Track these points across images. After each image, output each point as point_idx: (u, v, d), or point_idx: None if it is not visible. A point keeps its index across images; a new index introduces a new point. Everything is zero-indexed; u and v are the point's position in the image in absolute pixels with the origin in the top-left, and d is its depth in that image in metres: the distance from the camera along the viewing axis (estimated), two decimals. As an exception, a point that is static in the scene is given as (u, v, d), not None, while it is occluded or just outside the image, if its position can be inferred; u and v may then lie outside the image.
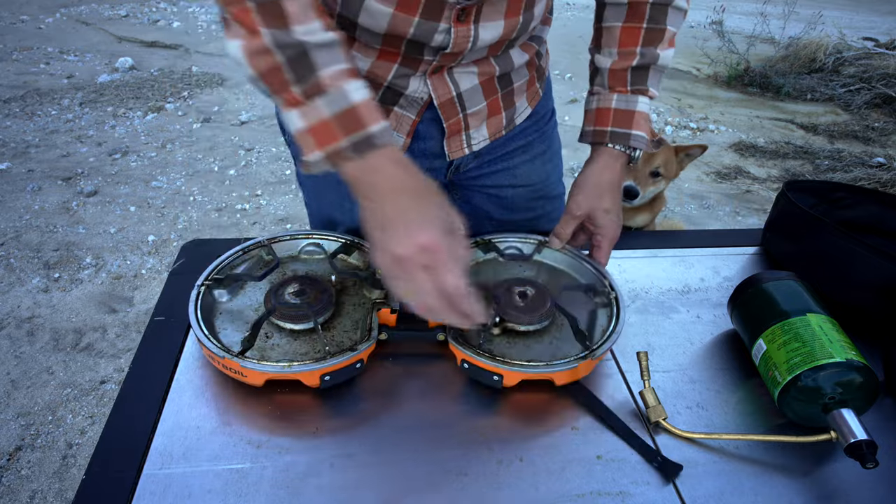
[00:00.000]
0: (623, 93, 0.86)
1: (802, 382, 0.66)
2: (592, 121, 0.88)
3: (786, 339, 0.70)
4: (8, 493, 1.60)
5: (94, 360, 2.01)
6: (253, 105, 4.01)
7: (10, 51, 4.62)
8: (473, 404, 0.70)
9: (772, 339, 0.72)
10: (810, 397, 0.67)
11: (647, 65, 0.85)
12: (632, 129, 0.85)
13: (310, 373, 0.67)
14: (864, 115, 4.50)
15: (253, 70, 0.63)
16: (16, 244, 2.54)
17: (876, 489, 0.64)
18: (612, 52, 0.86)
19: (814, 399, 0.66)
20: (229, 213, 2.87)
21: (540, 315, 0.76)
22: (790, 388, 0.67)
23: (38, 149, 3.29)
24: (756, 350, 0.74)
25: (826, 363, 0.66)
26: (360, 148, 0.63)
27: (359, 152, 0.63)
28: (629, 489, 0.62)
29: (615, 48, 0.86)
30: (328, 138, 0.63)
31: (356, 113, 0.63)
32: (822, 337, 0.69)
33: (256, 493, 0.59)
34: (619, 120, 0.86)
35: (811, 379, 0.66)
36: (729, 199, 3.28)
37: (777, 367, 0.69)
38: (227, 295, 0.79)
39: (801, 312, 0.72)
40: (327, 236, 0.88)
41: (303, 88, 0.62)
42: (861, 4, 7.89)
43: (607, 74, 0.87)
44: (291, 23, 0.61)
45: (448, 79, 0.84)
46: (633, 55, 0.85)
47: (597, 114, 0.88)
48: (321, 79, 0.62)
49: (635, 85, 0.86)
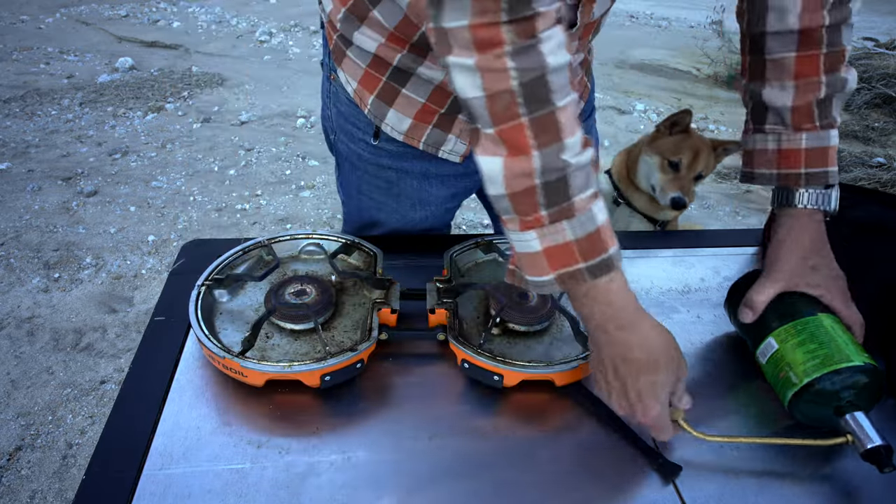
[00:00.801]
0: (813, 130, 0.75)
1: (821, 386, 0.65)
2: (774, 164, 0.78)
3: (801, 340, 0.68)
4: (8, 493, 1.60)
5: (94, 360, 2.01)
6: (253, 105, 4.02)
7: (10, 51, 4.62)
8: (473, 404, 0.70)
9: (784, 338, 0.70)
10: (826, 400, 0.66)
11: (833, 94, 0.75)
12: (828, 167, 0.76)
13: (310, 373, 0.67)
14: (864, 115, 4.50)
15: (506, 188, 0.58)
16: (16, 244, 2.54)
17: (876, 489, 0.64)
18: (788, 84, 0.75)
19: (829, 402, 0.65)
20: (229, 213, 2.87)
21: (540, 315, 0.76)
22: (807, 391, 0.66)
23: (38, 149, 3.29)
24: (764, 349, 0.72)
25: (845, 367, 0.65)
26: (597, 271, 0.60)
27: (594, 275, 0.60)
28: (629, 489, 0.62)
29: (791, 80, 0.75)
30: (567, 260, 0.60)
31: (600, 235, 0.60)
32: (837, 338, 0.67)
33: (256, 493, 0.59)
34: (812, 159, 0.76)
35: (830, 382, 0.65)
36: (729, 199, 3.28)
37: (792, 367, 0.67)
38: (228, 295, 0.79)
39: (812, 312, 0.70)
40: (327, 236, 0.88)
41: (551, 211, 0.58)
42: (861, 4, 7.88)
43: (789, 113, 0.76)
44: (564, 136, 0.57)
45: None
46: (818, 85, 0.74)
47: (781, 157, 0.77)
48: (574, 203, 0.58)
49: (824, 119, 0.75)
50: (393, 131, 0.90)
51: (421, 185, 0.98)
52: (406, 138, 0.90)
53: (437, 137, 0.90)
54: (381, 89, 0.87)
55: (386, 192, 0.99)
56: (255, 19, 5.85)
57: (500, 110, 0.55)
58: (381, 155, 0.95)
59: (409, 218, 1.02)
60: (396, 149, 0.93)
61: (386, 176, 0.98)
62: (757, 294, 0.74)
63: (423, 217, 1.02)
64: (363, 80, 0.88)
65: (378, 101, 0.88)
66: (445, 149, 0.90)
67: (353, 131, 0.95)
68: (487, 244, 0.88)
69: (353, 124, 0.95)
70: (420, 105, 0.87)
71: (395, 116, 0.88)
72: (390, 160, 0.95)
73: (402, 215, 1.02)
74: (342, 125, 0.97)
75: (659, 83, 4.88)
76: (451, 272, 0.82)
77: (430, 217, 1.03)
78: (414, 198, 0.99)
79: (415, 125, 0.89)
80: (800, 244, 0.75)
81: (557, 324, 0.78)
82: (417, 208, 1.01)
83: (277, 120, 3.84)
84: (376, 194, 1.00)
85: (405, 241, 0.99)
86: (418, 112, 0.88)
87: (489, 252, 0.89)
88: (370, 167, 0.98)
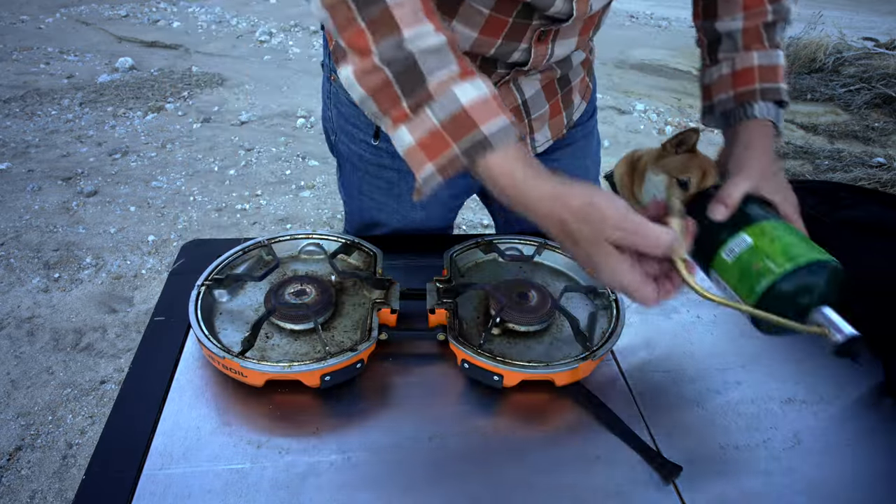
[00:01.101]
0: (762, 49, 0.83)
1: (806, 272, 0.62)
2: (730, 85, 0.84)
3: (779, 234, 0.66)
4: (8, 493, 1.60)
5: (94, 360, 2.01)
6: (253, 105, 4.02)
7: (10, 51, 4.62)
8: (473, 404, 0.70)
9: (761, 232, 0.67)
10: (801, 294, 0.62)
11: (776, 21, 0.83)
12: (779, 83, 0.82)
13: (310, 373, 0.67)
14: (864, 115, 4.50)
15: (363, 89, 0.60)
16: (16, 244, 2.54)
17: (876, 490, 0.64)
18: (738, 16, 0.84)
19: (804, 296, 0.62)
20: (229, 213, 2.87)
21: (540, 316, 0.76)
22: (788, 279, 0.62)
23: (38, 149, 3.29)
24: (734, 246, 0.67)
25: (827, 259, 0.63)
26: (472, 153, 0.58)
27: (470, 156, 0.59)
28: (629, 490, 0.62)
29: (740, 12, 0.84)
30: (441, 147, 0.59)
31: (467, 115, 0.58)
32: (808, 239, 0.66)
33: (256, 493, 0.59)
34: (766, 75, 0.82)
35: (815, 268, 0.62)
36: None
37: (771, 257, 0.64)
38: (228, 295, 0.79)
39: (779, 219, 0.69)
40: (327, 236, 0.88)
41: (410, 102, 0.59)
42: (861, 4, 7.88)
43: (740, 35, 0.84)
44: (402, 29, 0.58)
45: (514, 88, 0.86)
46: (764, 13, 0.83)
47: (736, 77, 0.84)
48: (430, 87, 0.58)
49: (771, 40, 0.84)
50: None
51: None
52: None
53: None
54: None
55: (387, 193, 0.99)
56: (255, 19, 5.85)
57: (342, 21, 0.59)
58: (382, 155, 0.95)
59: (411, 218, 1.02)
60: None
61: (387, 176, 0.98)
62: (732, 189, 0.72)
63: (424, 217, 1.02)
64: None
65: None
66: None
67: (353, 132, 0.96)
68: (487, 244, 0.88)
69: (353, 125, 0.95)
70: None
71: None
72: (391, 160, 0.95)
73: (403, 216, 1.02)
74: (343, 126, 0.97)
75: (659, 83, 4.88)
76: (451, 272, 0.82)
77: (432, 217, 1.03)
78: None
79: None
80: (765, 148, 0.78)
81: (557, 324, 0.78)
82: (418, 208, 1.01)
83: (277, 120, 3.84)
84: (377, 195, 1.00)
85: (405, 241, 0.99)
86: None
87: (489, 252, 0.89)
88: (371, 167, 0.98)
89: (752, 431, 0.69)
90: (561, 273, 0.87)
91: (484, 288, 0.78)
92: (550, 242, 0.88)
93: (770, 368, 0.78)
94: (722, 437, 0.68)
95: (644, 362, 0.77)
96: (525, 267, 0.88)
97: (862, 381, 0.77)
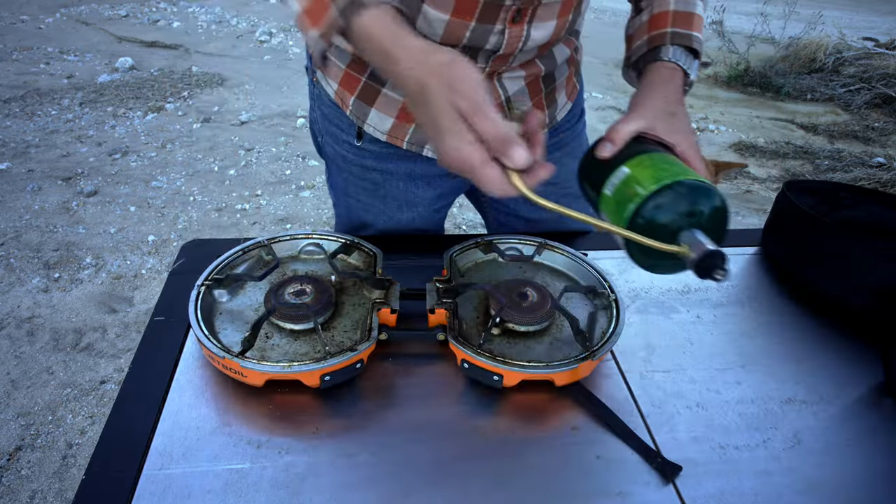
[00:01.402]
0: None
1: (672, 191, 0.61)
2: (645, 30, 0.83)
3: (655, 162, 0.65)
4: (8, 493, 1.60)
5: (94, 360, 2.01)
6: (253, 105, 4.02)
7: (10, 51, 4.62)
8: (473, 404, 0.70)
9: (639, 163, 0.66)
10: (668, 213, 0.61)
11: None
12: (692, 31, 0.80)
13: (310, 373, 0.67)
14: (864, 115, 4.50)
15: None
16: (16, 244, 2.54)
17: (877, 490, 0.64)
18: None
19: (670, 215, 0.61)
20: (229, 213, 2.87)
21: (540, 316, 0.76)
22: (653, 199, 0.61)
23: (38, 149, 3.29)
24: (614, 179, 0.67)
25: (697, 180, 0.62)
26: (348, 11, 0.61)
27: (345, 15, 0.61)
28: (629, 490, 0.62)
29: None
30: (321, 10, 0.62)
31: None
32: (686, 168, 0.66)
33: (256, 493, 0.59)
34: (679, 21, 0.81)
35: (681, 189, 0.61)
36: (729, 199, 3.28)
37: (641, 182, 0.63)
38: (227, 295, 0.79)
39: (665, 153, 0.68)
40: (327, 236, 0.88)
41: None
42: (861, 4, 7.89)
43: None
44: None
45: (497, 84, 0.85)
46: None
47: (651, 22, 0.83)
48: None
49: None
50: (375, 131, 0.89)
51: (407, 186, 0.97)
52: (389, 138, 0.90)
53: (420, 136, 0.89)
54: (362, 89, 0.87)
55: (372, 194, 0.99)
56: (255, 19, 5.85)
57: None
58: (365, 156, 0.95)
59: (397, 219, 1.02)
60: (380, 150, 0.93)
61: (371, 178, 0.97)
62: (620, 126, 0.71)
63: (410, 218, 1.02)
64: (343, 80, 0.88)
65: (359, 101, 0.88)
66: (430, 147, 0.90)
67: (337, 133, 0.95)
68: (487, 244, 0.88)
69: (336, 126, 0.95)
70: (401, 103, 0.86)
71: (377, 116, 0.88)
72: (374, 161, 0.95)
73: (389, 217, 1.01)
74: (327, 127, 0.97)
75: (659, 83, 4.87)
76: (451, 272, 0.82)
77: (419, 218, 1.03)
78: (400, 199, 0.99)
79: (397, 124, 0.88)
80: (663, 91, 0.76)
81: (557, 324, 0.78)
82: (405, 210, 1.01)
83: (277, 120, 3.84)
84: (363, 196, 1.00)
85: (405, 241, 0.99)
86: (400, 111, 0.87)
87: (489, 252, 0.89)
88: (355, 169, 0.97)
89: (752, 431, 0.69)
90: (561, 273, 0.87)
91: (484, 288, 0.78)
92: (550, 242, 0.88)
93: (770, 368, 0.78)
94: (722, 437, 0.68)
95: (644, 362, 0.78)
96: (525, 267, 0.88)
97: (862, 381, 0.77)
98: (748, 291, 0.91)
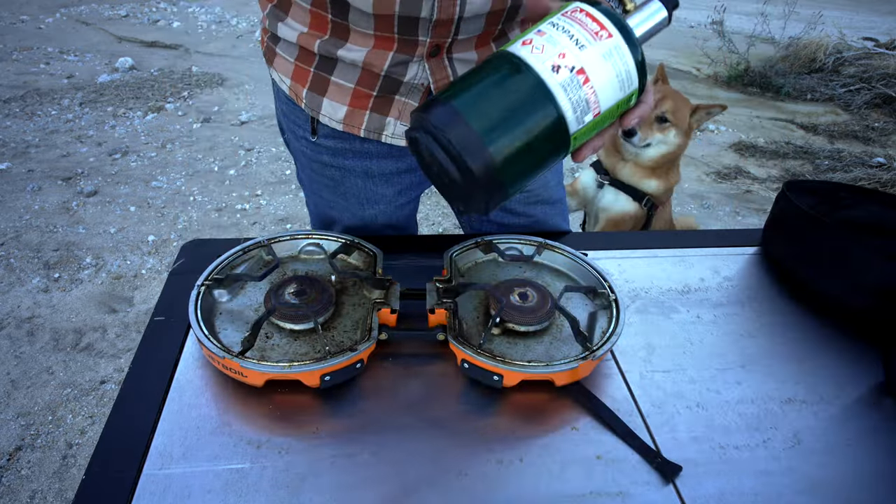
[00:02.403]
0: None
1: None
2: None
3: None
4: (8, 493, 1.60)
5: (94, 360, 2.01)
6: (253, 105, 4.02)
7: (10, 51, 4.62)
8: (473, 404, 0.70)
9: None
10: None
11: None
12: None
13: (310, 373, 0.67)
14: (864, 115, 4.51)
15: None
16: (16, 244, 2.54)
17: (877, 489, 0.64)
18: None
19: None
20: (229, 213, 2.87)
21: (540, 316, 0.76)
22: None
23: (38, 149, 3.29)
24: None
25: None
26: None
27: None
28: (629, 489, 0.62)
29: None
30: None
31: None
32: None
33: (256, 493, 0.59)
34: None
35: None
36: (729, 199, 3.28)
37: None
38: (227, 295, 0.79)
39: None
40: (327, 236, 0.88)
41: None
42: (861, 4, 7.89)
43: None
44: None
45: (447, 64, 0.84)
46: None
47: None
48: None
49: None
50: (331, 121, 0.89)
51: (365, 184, 0.98)
52: (346, 126, 0.89)
53: (376, 123, 0.89)
54: (312, 80, 0.87)
55: (333, 191, 0.99)
56: (255, 19, 5.85)
57: None
58: (322, 152, 0.95)
59: (362, 216, 1.02)
60: (335, 145, 0.93)
61: (330, 174, 0.98)
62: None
63: (374, 215, 1.02)
64: (294, 74, 0.88)
65: (311, 93, 0.88)
66: (387, 133, 0.89)
67: (295, 129, 0.96)
68: (487, 244, 0.88)
69: (294, 122, 0.95)
70: (351, 90, 0.86)
71: (330, 105, 0.88)
72: (330, 157, 0.95)
73: (353, 213, 1.01)
74: (287, 124, 0.98)
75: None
76: (451, 272, 0.82)
77: (383, 214, 1.03)
78: (361, 196, 0.99)
79: (351, 112, 0.88)
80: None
81: (557, 324, 0.78)
82: (367, 207, 1.01)
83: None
84: (325, 193, 1.00)
85: (405, 241, 0.99)
86: (352, 98, 0.87)
87: (489, 252, 0.89)
88: (314, 165, 0.98)
89: (752, 431, 0.69)
90: (561, 273, 0.87)
91: (484, 288, 0.78)
92: (551, 242, 0.88)
93: (770, 368, 0.78)
94: (722, 437, 0.68)
95: (644, 362, 0.78)
96: (525, 267, 0.88)
97: (862, 381, 0.77)
98: (748, 291, 0.91)
